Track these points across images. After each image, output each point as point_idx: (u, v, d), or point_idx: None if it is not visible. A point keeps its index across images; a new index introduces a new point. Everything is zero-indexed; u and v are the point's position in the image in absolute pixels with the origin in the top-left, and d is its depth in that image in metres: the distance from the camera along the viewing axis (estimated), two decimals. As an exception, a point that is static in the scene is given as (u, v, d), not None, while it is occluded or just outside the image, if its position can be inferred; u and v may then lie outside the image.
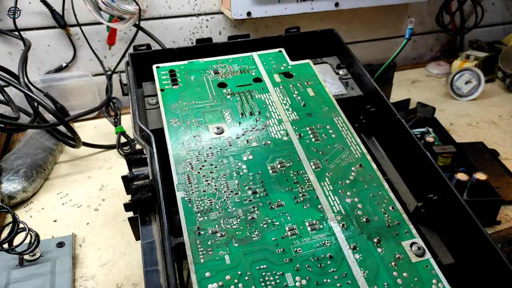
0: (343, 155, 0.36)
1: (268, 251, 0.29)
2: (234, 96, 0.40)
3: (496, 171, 0.55)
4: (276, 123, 0.38)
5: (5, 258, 0.41)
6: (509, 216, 0.48)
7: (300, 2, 0.71)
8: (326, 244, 0.29)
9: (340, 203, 0.32)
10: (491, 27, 1.07)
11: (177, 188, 0.32)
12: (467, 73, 0.79)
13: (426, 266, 0.29)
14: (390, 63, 0.55)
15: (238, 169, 0.34)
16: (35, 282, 0.38)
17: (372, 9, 0.88)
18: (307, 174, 0.34)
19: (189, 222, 0.30)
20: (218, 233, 0.29)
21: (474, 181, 0.45)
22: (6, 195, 0.49)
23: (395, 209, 0.32)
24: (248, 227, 0.30)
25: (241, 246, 0.29)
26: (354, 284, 0.27)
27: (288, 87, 0.41)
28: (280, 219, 0.31)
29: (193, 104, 0.39)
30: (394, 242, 0.30)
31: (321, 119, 0.38)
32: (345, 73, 0.46)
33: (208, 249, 0.28)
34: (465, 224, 0.30)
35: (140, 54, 0.45)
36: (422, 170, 0.34)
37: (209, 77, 0.42)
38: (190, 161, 0.34)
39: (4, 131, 0.51)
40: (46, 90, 0.66)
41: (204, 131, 0.36)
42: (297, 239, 0.29)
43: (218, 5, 0.77)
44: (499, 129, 0.69)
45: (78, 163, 0.61)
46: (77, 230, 0.47)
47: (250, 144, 0.36)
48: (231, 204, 0.31)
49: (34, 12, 0.67)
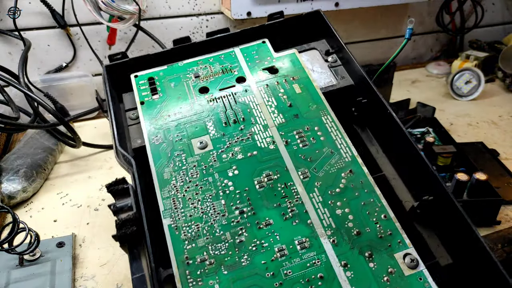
0: (333, 160, 0.34)
1: (258, 276, 0.28)
2: (216, 102, 0.38)
3: (496, 171, 0.55)
4: (261, 129, 0.36)
5: (5, 258, 0.41)
6: (509, 216, 0.48)
7: (300, 2, 0.71)
8: (316, 263, 0.29)
9: (330, 215, 0.31)
10: (491, 27, 1.07)
11: (163, 215, 0.31)
12: (467, 73, 0.79)
13: (419, 279, 0.28)
14: (390, 63, 0.55)
15: (224, 187, 0.33)
16: (35, 282, 0.38)
17: (372, 9, 0.88)
18: (295, 186, 0.33)
19: (177, 252, 0.29)
20: (206, 261, 0.29)
21: (474, 181, 0.45)
22: (6, 195, 0.49)
23: (388, 217, 0.31)
24: (236, 252, 0.29)
25: (230, 273, 0.28)
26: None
27: (273, 86, 0.39)
28: (269, 239, 0.30)
29: (175, 116, 0.37)
30: (387, 255, 0.29)
31: (308, 120, 0.37)
32: (334, 60, 0.43)
33: (197, 279, 0.28)
34: (459, 225, 0.30)
35: (117, 64, 0.42)
36: (418, 169, 0.34)
37: (190, 82, 0.40)
38: (175, 183, 0.33)
39: (4, 131, 0.51)
40: (46, 90, 0.66)
41: (187, 147, 0.35)
42: (287, 260, 0.29)
43: (218, 5, 0.77)
44: (499, 129, 0.69)
45: (78, 163, 0.61)
46: (77, 230, 0.47)
47: (236, 157, 0.34)
48: (218, 227, 0.31)
49: (34, 12, 0.67)
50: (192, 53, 0.43)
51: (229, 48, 0.43)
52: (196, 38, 0.79)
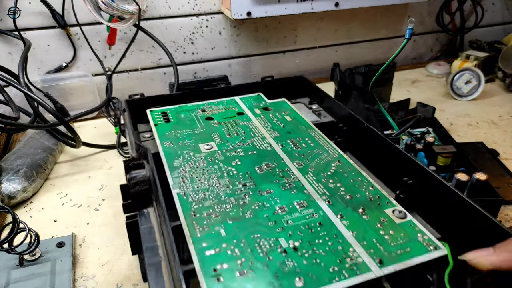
0: (322, 156, 0.40)
1: (261, 225, 0.31)
2: (220, 124, 0.46)
3: (496, 171, 0.55)
4: (260, 139, 0.43)
5: (5, 258, 0.41)
6: (509, 216, 0.48)
7: (300, 2, 0.71)
8: (314, 216, 0.32)
9: (324, 187, 0.35)
10: (491, 27, 1.07)
11: (172, 188, 0.34)
12: (467, 73, 0.79)
13: (410, 225, 0.31)
14: (390, 63, 0.55)
15: (229, 171, 0.37)
16: (35, 282, 0.38)
17: (372, 9, 0.88)
18: (292, 171, 0.37)
19: (185, 209, 0.32)
20: (212, 215, 0.31)
21: (474, 181, 0.45)
22: (6, 195, 0.49)
23: (375, 188, 0.35)
24: (240, 209, 0.32)
25: (235, 223, 0.31)
26: (345, 242, 0.29)
27: (268, 116, 0.48)
28: (270, 201, 0.33)
29: (184, 132, 0.44)
30: (377, 211, 0.32)
31: (300, 134, 0.44)
32: (317, 107, 0.52)
33: (204, 227, 0.30)
34: (443, 196, 0.33)
35: (134, 100, 0.51)
36: (396, 163, 0.37)
37: (198, 114, 0.48)
38: (184, 168, 0.37)
39: (4, 131, 0.51)
40: (46, 90, 0.66)
41: (195, 149, 0.41)
42: (288, 214, 0.32)
43: (218, 5, 0.77)
44: (499, 129, 0.69)
45: (78, 163, 0.61)
46: (77, 230, 0.47)
47: (238, 154, 0.40)
48: (223, 195, 0.34)
49: (34, 12, 0.67)
50: (198, 98, 0.53)
51: (229, 97, 0.53)
52: (196, 38, 0.79)
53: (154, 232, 0.30)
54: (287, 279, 0.26)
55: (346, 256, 0.28)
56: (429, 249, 0.28)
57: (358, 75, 0.66)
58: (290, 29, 0.87)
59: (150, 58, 0.78)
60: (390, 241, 0.29)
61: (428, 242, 0.29)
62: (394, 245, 0.29)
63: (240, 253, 0.28)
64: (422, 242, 0.29)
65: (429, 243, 0.29)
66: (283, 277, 0.26)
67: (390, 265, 0.27)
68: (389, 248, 0.28)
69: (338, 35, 0.92)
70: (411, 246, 0.29)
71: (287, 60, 0.90)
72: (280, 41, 0.87)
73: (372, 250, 0.28)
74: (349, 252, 0.28)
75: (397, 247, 0.29)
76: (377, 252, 0.28)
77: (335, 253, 0.28)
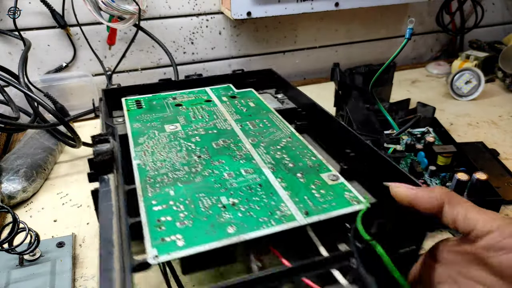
0: (276, 134, 0.44)
1: (207, 187, 0.34)
2: (188, 109, 0.49)
3: (496, 171, 0.55)
4: (222, 121, 0.46)
5: (5, 258, 0.41)
6: (509, 216, 0.48)
7: (300, 2, 0.71)
8: (257, 180, 0.35)
9: (272, 158, 0.39)
10: (491, 27, 1.07)
11: (133, 159, 0.38)
12: (467, 73, 0.79)
13: (340, 186, 0.35)
14: (390, 63, 0.55)
15: (188, 146, 0.41)
16: (35, 282, 0.38)
17: (372, 9, 0.88)
18: (245, 145, 0.41)
19: (142, 176, 0.36)
20: (165, 180, 0.35)
21: (474, 181, 0.45)
22: (6, 195, 0.49)
23: (317, 158, 0.39)
24: (192, 175, 0.36)
25: (184, 185, 0.34)
26: (279, 199, 0.33)
27: (233, 103, 0.51)
28: (220, 169, 0.37)
29: (154, 115, 0.47)
30: (314, 175, 0.36)
31: (259, 117, 0.47)
32: (283, 96, 0.56)
33: (155, 188, 0.34)
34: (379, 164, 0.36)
35: (111, 89, 0.54)
36: (343, 140, 0.41)
37: (169, 101, 0.52)
38: (147, 144, 0.41)
39: (4, 131, 0.51)
40: (46, 90, 0.66)
41: (160, 129, 0.44)
42: (233, 179, 0.36)
43: (218, 5, 0.77)
44: (499, 129, 0.69)
45: (78, 163, 0.61)
46: (77, 230, 0.47)
47: (199, 133, 0.44)
48: (179, 164, 0.37)
49: (34, 12, 0.67)
50: (172, 88, 0.56)
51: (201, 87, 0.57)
52: (196, 38, 0.79)
53: (111, 194, 0.33)
54: (221, 228, 0.29)
55: (277, 209, 0.31)
56: (353, 203, 0.32)
57: (358, 75, 0.66)
58: (290, 29, 0.87)
59: (150, 58, 0.78)
60: (319, 198, 0.33)
61: (353, 198, 0.33)
62: (322, 201, 0.32)
63: (184, 208, 0.32)
64: (348, 198, 0.33)
65: (353, 199, 0.33)
66: (217, 226, 0.30)
67: (314, 215, 0.31)
68: (317, 203, 0.32)
69: (338, 35, 0.92)
70: (337, 201, 0.32)
71: (287, 60, 0.90)
72: (280, 41, 0.87)
73: (301, 205, 0.32)
74: (280, 207, 0.32)
75: (324, 202, 0.32)
76: (305, 206, 0.32)
77: (268, 208, 0.32)
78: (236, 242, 0.29)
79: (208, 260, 0.30)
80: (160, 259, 0.27)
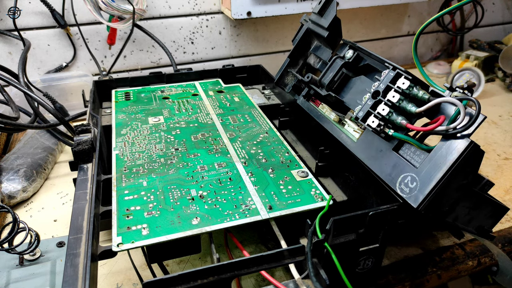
0: (254, 129, 0.45)
1: (179, 179, 0.35)
2: (173, 103, 0.50)
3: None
4: (204, 115, 0.47)
5: (5, 258, 0.41)
6: (509, 216, 0.48)
7: (300, 1, 0.71)
8: (228, 173, 0.37)
9: (246, 153, 0.40)
10: (491, 27, 1.07)
11: (113, 150, 0.39)
12: (467, 72, 0.79)
13: (308, 183, 0.36)
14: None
15: (167, 139, 0.42)
16: (35, 282, 0.38)
17: (372, 8, 0.88)
18: (223, 139, 0.42)
19: (119, 166, 0.37)
20: (141, 171, 0.36)
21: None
22: (6, 195, 0.49)
23: (290, 154, 0.40)
24: (166, 167, 0.37)
25: (158, 177, 0.36)
26: (246, 193, 0.34)
27: (218, 97, 0.52)
28: (194, 162, 0.38)
29: (140, 107, 0.48)
30: (285, 171, 0.37)
31: (241, 112, 0.48)
32: (269, 92, 0.57)
33: (130, 179, 0.35)
34: (350, 165, 0.37)
35: (102, 81, 0.56)
36: (320, 137, 0.42)
37: (156, 94, 0.52)
38: (128, 136, 0.42)
39: (4, 131, 0.51)
40: (46, 90, 0.66)
41: (144, 121, 0.45)
42: (205, 172, 0.37)
43: (218, 5, 0.77)
44: (499, 129, 0.69)
45: (78, 163, 0.60)
46: (77, 230, 0.47)
47: (180, 126, 0.44)
48: (156, 156, 0.39)
49: (34, 12, 0.67)
50: (162, 81, 0.58)
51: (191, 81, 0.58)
52: (196, 38, 0.79)
53: (87, 182, 0.34)
54: (186, 219, 0.31)
55: (243, 203, 0.33)
56: (317, 200, 0.33)
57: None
58: (290, 29, 0.87)
59: (150, 58, 0.78)
60: (286, 193, 0.34)
61: (318, 195, 0.34)
62: (287, 197, 0.34)
63: (153, 199, 0.33)
64: (313, 195, 0.34)
65: (318, 196, 0.34)
66: (183, 217, 0.31)
67: (277, 211, 0.32)
68: (282, 199, 0.33)
69: (338, 35, 0.92)
70: (302, 198, 0.34)
71: (287, 60, 0.90)
72: (280, 41, 0.87)
73: (266, 200, 0.33)
74: (246, 201, 0.33)
75: (290, 198, 0.34)
76: (270, 201, 0.33)
77: (234, 201, 0.33)
78: (198, 233, 0.30)
79: (173, 250, 0.31)
80: (123, 247, 0.28)
